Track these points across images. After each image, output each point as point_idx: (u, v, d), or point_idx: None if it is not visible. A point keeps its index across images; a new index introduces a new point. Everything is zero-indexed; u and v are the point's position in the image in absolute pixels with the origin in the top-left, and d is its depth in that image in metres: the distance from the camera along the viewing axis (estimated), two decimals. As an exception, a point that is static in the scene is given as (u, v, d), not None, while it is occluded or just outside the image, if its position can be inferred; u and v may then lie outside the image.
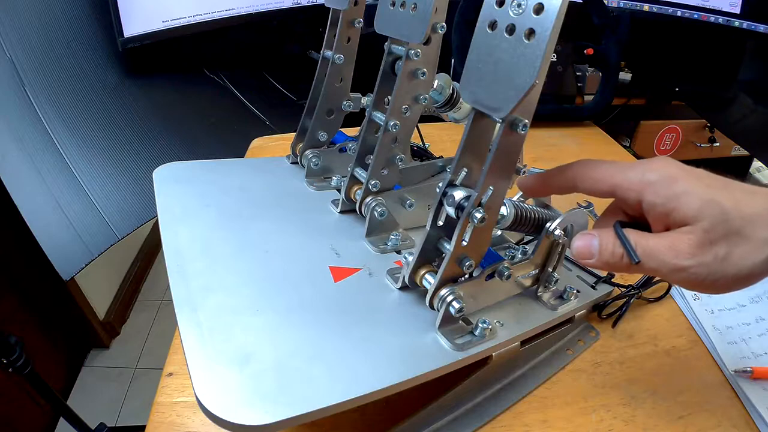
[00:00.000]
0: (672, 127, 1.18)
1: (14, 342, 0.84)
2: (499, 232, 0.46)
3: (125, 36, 0.88)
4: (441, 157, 0.60)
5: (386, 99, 0.43)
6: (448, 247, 0.33)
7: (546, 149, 0.84)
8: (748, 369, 0.43)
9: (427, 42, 0.38)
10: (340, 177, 0.50)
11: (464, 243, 0.33)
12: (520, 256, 0.41)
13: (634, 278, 0.51)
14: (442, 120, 0.84)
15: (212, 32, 1.00)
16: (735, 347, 0.46)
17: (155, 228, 0.51)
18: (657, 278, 0.51)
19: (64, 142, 0.81)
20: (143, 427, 0.41)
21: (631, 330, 0.48)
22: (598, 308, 0.48)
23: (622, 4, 1.04)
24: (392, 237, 0.43)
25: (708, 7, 0.95)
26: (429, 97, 0.42)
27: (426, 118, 0.76)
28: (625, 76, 1.12)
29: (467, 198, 0.32)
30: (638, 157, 0.90)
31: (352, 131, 0.63)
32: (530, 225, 0.39)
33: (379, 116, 0.43)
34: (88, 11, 0.90)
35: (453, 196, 0.32)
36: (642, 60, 1.14)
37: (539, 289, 0.41)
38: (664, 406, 0.41)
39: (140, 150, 0.88)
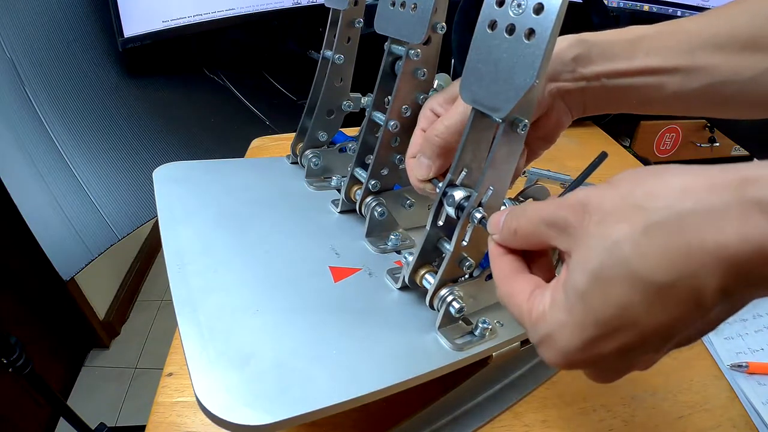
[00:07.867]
0: (672, 127, 1.18)
1: (14, 342, 0.84)
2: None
3: (125, 36, 0.88)
4: (441, 157, 0.59)
5: (386, 99, 0.43)
6: (448, 247, 0.33)
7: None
8: (744, 364, 0.43)
9: (427, 42, 0.38)
10: (340, 177, 0.50)
11: (464, 243, 0.33)
12: (520, 256, 0.41)
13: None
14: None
15: (212, 32, 1.00)
16: (732, 342, 0.46)
17: (155, 228, 0.51)
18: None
19: (64, 142, 0.81)
20: (143, 427, 0.41)
21: (631, 330, 0.48)
22: (598, 308, 0.48)
23: (622, 4, 1.04)
24: (392, 237, 0.43)
25: (708, 7, 0.95)
26: (429, 97, 0.42)
27: (426, 118, 0.76)
28: (625, 76, 1.12)
29: (467, 198, 0.32)
30: (638, 157, 0.90)
31: (352, 131, 0.63)
32: (530, 225, 0.39)
33: (379, 116, 0.43)
34: (88, 11, 0.90)
35: (453, 196, 0.32)
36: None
37: (539, 289, 0.41)
38: (664, 406, 0.41)
39: (140, 150, 0.88)
